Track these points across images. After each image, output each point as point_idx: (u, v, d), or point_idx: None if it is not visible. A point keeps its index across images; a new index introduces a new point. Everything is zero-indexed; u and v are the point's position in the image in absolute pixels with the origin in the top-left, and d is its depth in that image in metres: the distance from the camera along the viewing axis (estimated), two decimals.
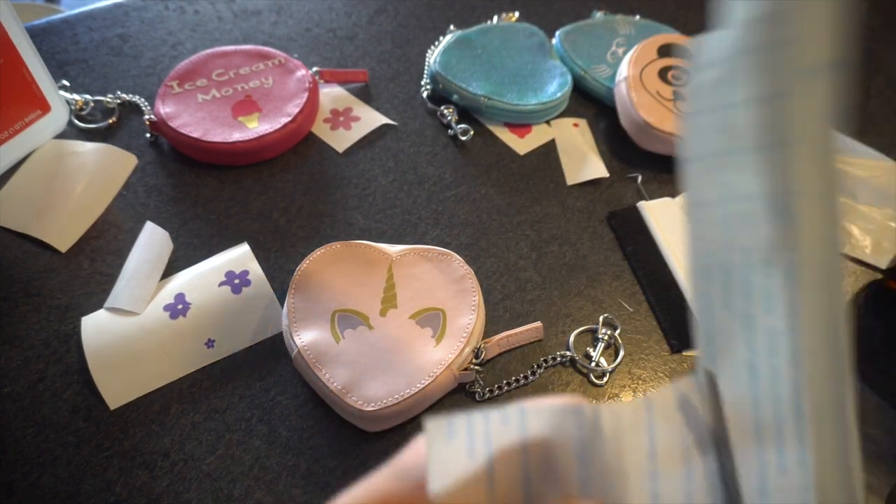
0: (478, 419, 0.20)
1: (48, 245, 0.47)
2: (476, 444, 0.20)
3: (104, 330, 0.42)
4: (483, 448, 0.20)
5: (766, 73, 0.18)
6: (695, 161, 0.21)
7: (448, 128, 0.57)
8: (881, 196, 0.58)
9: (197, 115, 0.52)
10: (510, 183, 0.54)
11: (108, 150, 0.52)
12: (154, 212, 0.50)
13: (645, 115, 0.55)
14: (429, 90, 0.59)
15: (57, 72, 0.57)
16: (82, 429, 0.39)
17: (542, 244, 0.51)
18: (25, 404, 0.40)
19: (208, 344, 0.42)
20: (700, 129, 0.20)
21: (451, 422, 0.20)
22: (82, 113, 0.55)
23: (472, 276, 0.44)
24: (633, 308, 0.48)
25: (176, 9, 0.64)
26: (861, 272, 0.53)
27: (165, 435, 0.39)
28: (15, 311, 0.44)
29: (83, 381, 0.41)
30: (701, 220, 0.21)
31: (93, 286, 0.45)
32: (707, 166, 0.20)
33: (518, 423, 0.20)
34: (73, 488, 0.37)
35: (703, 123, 0.20)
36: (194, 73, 0.55)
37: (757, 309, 0.19)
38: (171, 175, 0.52)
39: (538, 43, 0.62)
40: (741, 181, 0.19)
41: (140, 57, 0.60)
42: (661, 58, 0.60)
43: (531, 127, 0.58)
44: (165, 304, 0.43)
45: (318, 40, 0.63)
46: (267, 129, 0.52)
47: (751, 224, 0.19)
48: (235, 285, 0.44)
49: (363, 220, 0.51)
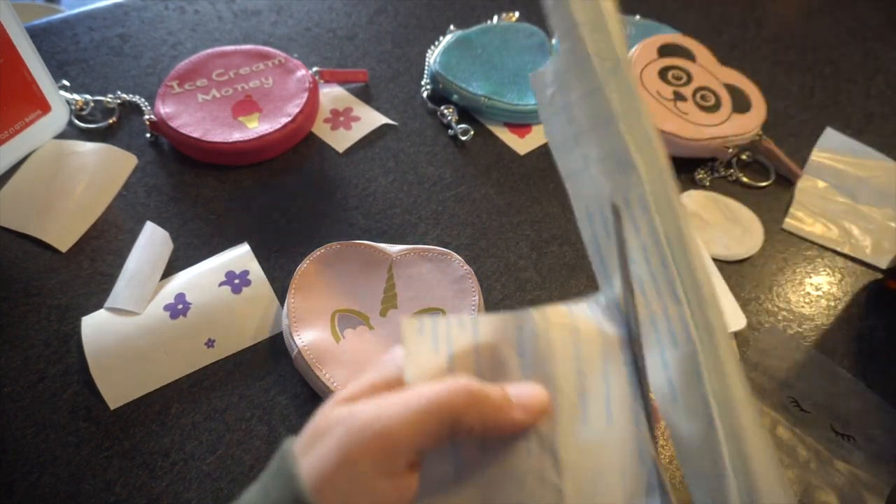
0: (441, 323, 0.26)
1: (48, 245, 0.47)
2: (439, 344, 0.25)
3: (104, 330, 0.42)
4: (444, 347, 0.25)
5: (583, 78, 0.27)
6: (559, 147, 0.29)
7: (448, 128, 0.57)
8: (881, 196, 0.58)
9: (197, 115, 0.52)
10: (510, 183, 0.54)
11: (108, 150, 0.52)
12: (154, 212, 0.50)
13: None
14: (429, 90, 0.59)
15: (57, 72, 0.57)
16: (82, 429, 0.39)
17: (542, 244, 0.51)
18: (25, 404, 0.40)
19: (208, 344, 0.42)
20: (556, 125, 0.29)
21: (422, 321, 0.26)
22: (82, 113, 0.55)
23: (472, 276, 0.44)
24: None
25: (176, 9, 0.64)
26: (861, 272, 0.53)
27: (165, 435, 0.39)
28: (15, 311, 0.44)
29: (83, 381, 0.41)
30: (575, 184, 0.29)
31: (93, 286, 0.45)
32: (568, 147, 0.29)
33: (472, 328, 0.26)
34: (73, 488, 0.37)
35: (557, 121, 0.29)
36: (194, 73, 0.55)
37: (629, 233, 0.27)
38: (171, 175, 0.52)
39: (538, 43, 0.62)
40: (591, 151, 0.28)
41: (140, 57, 0.60)
42: (661, 58, 0.60)
43: (531, 127, 0.58)
44: (166, 304, 0.43)
45: (318, 40, 0.63)
46: (267, 129, 0.52)
47: (605, 178, 0.27)
48: (235, 285, 0.44)
49: (363, 220, 0.51)
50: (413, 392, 0.23)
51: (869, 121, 0.64)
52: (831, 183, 0.58)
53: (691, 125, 0.55)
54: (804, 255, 0.53)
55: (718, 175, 0.57)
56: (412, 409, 0.23)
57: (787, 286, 0.51)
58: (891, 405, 0.45)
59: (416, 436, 0.22)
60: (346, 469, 0.22)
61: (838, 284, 0.52)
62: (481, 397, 0.23)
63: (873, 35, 0.74)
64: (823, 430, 0.43)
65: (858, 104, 0.66)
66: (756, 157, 0.59)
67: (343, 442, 0.23)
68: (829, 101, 0.66)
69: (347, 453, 0.22)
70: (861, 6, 0.77)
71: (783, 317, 0.49)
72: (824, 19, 0.75)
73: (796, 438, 0.43)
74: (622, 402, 0.26)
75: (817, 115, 0.64)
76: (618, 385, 0.26)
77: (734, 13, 0.74)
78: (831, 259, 0.53)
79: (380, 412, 0.23)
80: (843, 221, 0.55)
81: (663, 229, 0.27)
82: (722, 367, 0.28)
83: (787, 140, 0.61)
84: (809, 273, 0.52)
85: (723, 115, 0.56)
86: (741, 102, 0.58)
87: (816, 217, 0.55)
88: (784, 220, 0.55)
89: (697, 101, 0.57)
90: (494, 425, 0.24)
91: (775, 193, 0.57)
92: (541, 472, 0.25)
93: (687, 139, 0.54)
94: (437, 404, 0.23)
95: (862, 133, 0.63)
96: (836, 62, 0.70)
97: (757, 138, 0.57)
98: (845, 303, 0.51)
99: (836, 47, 0.72)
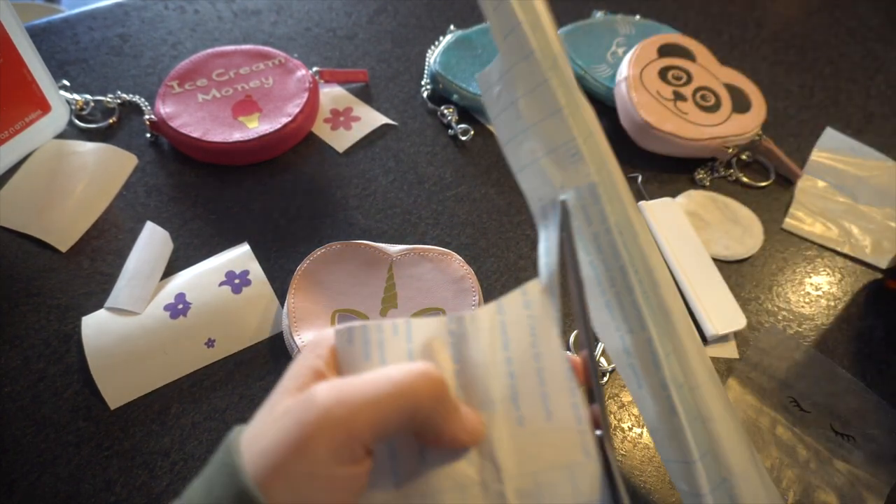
0: (372, 329, 0.26)
1: (48, 245, 0.47)
2: (371, 351, 0.25)
3: (104, 330, 0.42)
4: (377, 353, 0.25)
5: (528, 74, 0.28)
6: (508, 142, 0.30)
7: (448, 128, 0.58)
8: (881, 196, 0.58)
9: (197, 114, 0.52)
10: (510, 183, 0.54)
11: (108, 150, 0.52)
12: (154, 212, 0.50)
13: (645, 115, 0.55)
14: (429, 90, 0.59)
15: (57, 72, 0.57)
16: (82, 429, 0.39)
17: None
18: (25, 404, 0.40)
19: (208, 344, 0.42)
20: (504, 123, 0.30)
21: (351, 330, 0.26)
22: (82, 113, 0.55)
23: (472, 276, 0.44)
24: None
25: (176, 8, 0.64)
26: (861, 272, 0.53)
27: (165, 435, 0.39)
28: (15, 311, 0.44)
29: (83, 381, 0.41)
30: (526, 178, 0.30)
31: (93, 286, 0.45)
32: (517, 143, 0.30)
33: (406, 333, 0.26)
34: (73, 488, 0.37)
35: (504, 119, 0.30)
36: (194, 72, 0.55)
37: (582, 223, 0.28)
38: (171, 175, 0.52)
39: None
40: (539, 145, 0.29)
41: (140, 57, 0.60)
42: (662, 58, 0.60)
43: None
44: (166, 303, 0.43)
45: (318, 40, 0.63)
46: (267, 129, 0.52)
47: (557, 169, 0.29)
48: (236, 285, 0.44)
49: (363, 220, 0.51)
50: (374, 377, 0.23)
51: (869, 121, 0.64)
52: (831, 183, 0.58)
53: (691, 125, 0.55)
54: (804, 255, 0.53)
55: (718, 175, 0.57)
56: (373, 395, 0.22)
57: (787, 286, 0.51)
58: (891, 405, 0.45)
59: (376, 423, 0.22)
60: (304, 456, 0.21)
61: (838, 284, 0.52)
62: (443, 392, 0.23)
63: (873, 35, 0.74)
64: (823, 430, 0.43)
65: (858, 104, 0.66)
66: (756, 157, 0.59)
67: (301, 427, 0.21)
68: (829, 101, 0.66)
69: (306, 439, 0.21)
70: (861, 6, 0.77)
71: (783, 317, 0.49)
72: (824, 19, 0.75)
73: (796, 438, 0.43)
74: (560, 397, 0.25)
75: (817, 115, 0.64)
76: (554, 380, 0.25)
77: (734, 13, 0.74)
78: (831, 259, 0.53)
79: (341, 397, 0.22)
80: (842, 221, 0.55)
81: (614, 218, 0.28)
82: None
83: (787, 140, 0.61)
84: (809, 273, 0.52)
85: (723, 115, 0.56)
86: (741, 102, 0.58)
87: (816, 217, 0.55)
88: (784, 219, 0.55)
89: (697, 101, 0.57)
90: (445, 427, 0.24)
91: (775, 193, 0.57)
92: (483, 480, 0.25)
93: (687, 139, 0.54)
94: (398, 391, 0.22)
95: (862, 133, 0.63)
96: (836, 62, 0.70)
97: (757, 138, 0.57)
98: (845, 303, 0.51)
99: (836, 47, 0.72)
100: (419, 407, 0.23)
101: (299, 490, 0.21)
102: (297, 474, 0.21)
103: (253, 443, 0.22)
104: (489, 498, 0.24)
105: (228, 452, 0.22)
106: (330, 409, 0.21)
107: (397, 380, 0.22)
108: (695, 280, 0.48)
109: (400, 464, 0.25)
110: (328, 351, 0.25)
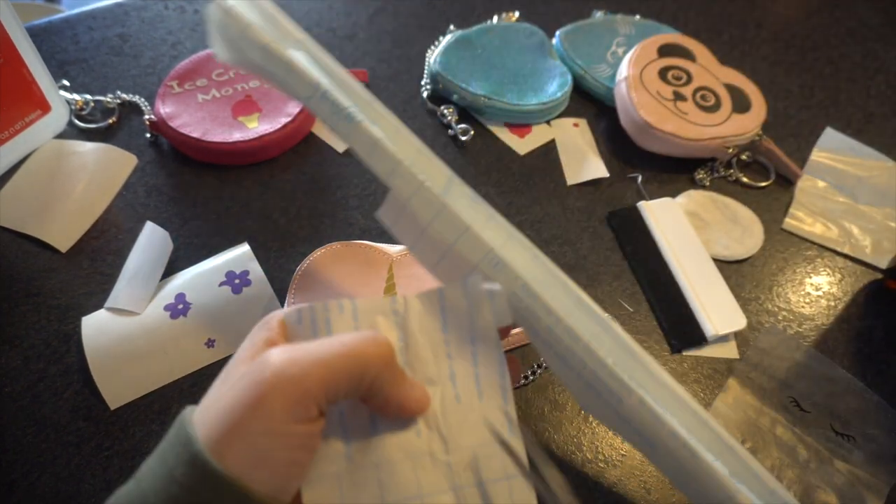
0: (319, 309, 0.27)
1: (48, 245, 0.47)
2: (318, 329, 0.27)
3: (104, 330, 0.42)
4: (324, 329, 0.27)
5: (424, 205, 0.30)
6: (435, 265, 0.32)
7: (448, 128, 0.57)
8: (881, 196, 0.58)
9: (197, 114, 0.52)
10: (510, 183, 0.54)
11: (108, 150, 0.52)
12: (154, 212, 0.50)
13: (645, 115, 0.55)
14: (429, 90, 0.59)
15: (57, 72, 0.57)
16: (82, 429, 0.39)
17: (542, 244, 0.51)
18: (25, 404, 0.40)
19: (208, 344, 0.42)
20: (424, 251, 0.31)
21: (300, 310, 0.27)
22: (82, 113, 0.55)
23: None
24: (633, 308, 0.48)
25: (176, 8, 0.64)
26: (861, 272, 0.53)
27: (164, 434, 0.39)
28: (15, 311, 0.44)
29: (83, 381, 0.41)
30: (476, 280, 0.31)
31: (93, 286, 0.45)
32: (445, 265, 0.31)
33: (352, 312, 0.28)
34: (73, 488, 0.37)
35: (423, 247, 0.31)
36: (194, 72, 0.55)
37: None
38: (171, 175, 0.52)
39: (538, 42, 0.62)
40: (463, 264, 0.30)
41: (140, 57, 0.60)
42: (662, 58, 0.60)
43: (531, 127, 0.58)
44: (166, 304, 0.43)
45: (318, 40, 0.63)
46: (267, 128, 0.52)
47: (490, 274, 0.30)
48: (236, 285, 0.44)
49: (363, 220, 0.51)
50: (326, 341, 0.24)
51: (869, 121, 0.64)
52: (831, 183, 0.58)
53: (691, 125, 0.55)
54: (804, 255, 0.53)
55: (718, 175, 0.57)
56: (324, 356, 0.23)
57: (787, 286, 0.51)
58: (891, 405, 0.45)
59: (328, 381, 0.23)
60: (260, 414, 0.22)
61: (838, 284, 0.52)
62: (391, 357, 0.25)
63: (873, 35, 0.74)
64: (823, 430, 0.43)
65: (858, 104, 0.66)
66: (756, 157, 0.59)
67: (256, 388, 0.22)
68: (829, 101, 0.66)
69: (261, 398, 0.22)
70: (861, 6, 0.77)
71: (783, 317, 0.49)
72: (824, 19, 0.75)
73: (796, 438, 0.43)
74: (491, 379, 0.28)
75: (817, 115, 0.64)
76: (487, 365, 0.28)
77: (734, 13, 0.74)
78: (831, 259, 0.53)
79: (294, 358, 0.23)
80: (842, 221, 0.55)
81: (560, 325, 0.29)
82: None
83: (787, 140, 0.61)
84: (809, 273, 0.52)
85: (723, 115, 0.56)
86: (741, 102, 0.58)
87: (816, 217, 0.55)
88: (784, 220, 0.55)
89: (697, 101, 0.57)
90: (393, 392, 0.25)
91: (775, 193, 0.57)
92: (431, 451, 0.27)
93: (687, 139, 0.54)
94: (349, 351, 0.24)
95: (862, 133, 0.63)
96: (836, 62, 0.70)
97: (757, 138, 0.57)
98: (845, 303, 0.51)
99: (836, 47, 0.72)
100: (368, 368, 0.24)
101: (257, 446, 0.22)
102: (255, 433, 0.22)
103: (207, 412, 0.23)
104: (438, 468, 0.26)
105: (181, 424, 0.23)
106: (284, 369, 0.23)
107: (347, 342, 0.24)
108: (695, 280, 0.48)
109: (351, 434, 0.26)
110: (278, 323, 0.27)
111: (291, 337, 0.27)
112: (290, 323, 0.27)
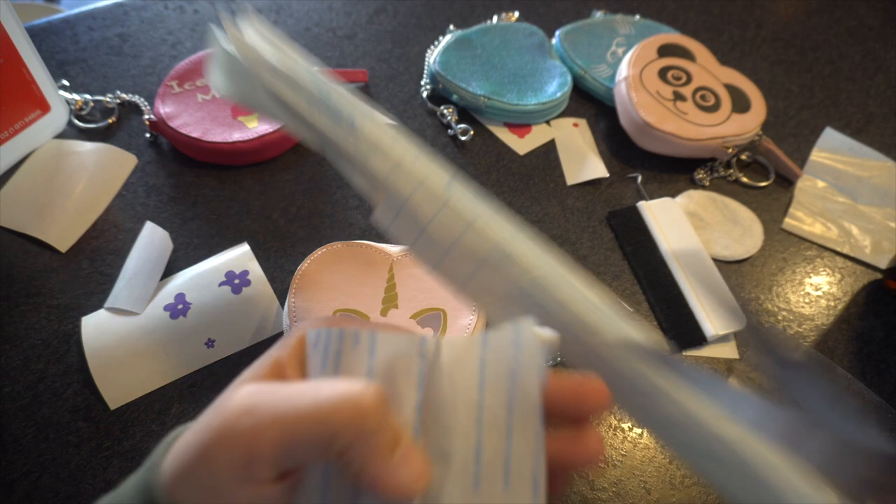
0: (333, 336, 0.22)
1: (48, 245, 0.47)
2: (328, 361, 0.22)
3: (104, 330, 0.42)
4: (332, 366, 0.22)
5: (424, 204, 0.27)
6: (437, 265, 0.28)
7: (448, 128, 0.57)
8: (881, 196, 0.58)
9: (197, 114, 0.52)
10: (510, 183, 0.54)
11: (108, 150, 0.52)
12: (154, 212, 0.50)
13: (645, 115, 0.55)
14: (429, 90, 0.59)
15: (57, 72, 0.57)
16: (82, 429, 0.39)
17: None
18: (25, 404, 0.40)
19: (208, 344, 0.42)
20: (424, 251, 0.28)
21: (320, 332, 0.23)
22: (82, 113, 0.55)
23: None
24: (633, 308, 0.48)
25: (176, 8, 0.64)
26: (860, 272, 0.53)
27: (165, 435, 0.39)
28: (15, 311, 0.44)
29: (83, 381, 0.41)
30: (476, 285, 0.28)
31: (93, 286, 0.45)
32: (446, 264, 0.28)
33: (369, 347, 0.22)
34: (73, 488, 0.37)
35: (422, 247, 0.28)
36: (194, 72, 0.55)
37: None
38: (171, 175, 0.52)
39: (538, 42, 0.62)
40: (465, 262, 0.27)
41: (140, 56, 0.60)
42: (661, 58, 0.60)
43: (531, 127, 0.58)
44: (165, 304, 0.43)
45: (317, 40, 0.63)
46: (267, 128, 0.52)
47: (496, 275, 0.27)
48: (235, 285, 0.44)
49: (363, 220, 0.51)
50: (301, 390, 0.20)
51: (869, 121, 0.64)
52: (831, 183, 0.58)
53: (691, 125, 0.55)
54: (804, 255, 0.53)
55: (718, 175, 0.57)
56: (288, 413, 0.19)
57: (787, 286, 0.51)
58: (891, 405, 0.45)
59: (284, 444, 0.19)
60: (204, 465, 0.20)
61: (838, 284, 0.52)
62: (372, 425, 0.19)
63: (873, 35, 0.74)
64: None
65: (858, 104, 0.66)
66: (756, 157, 0.59)
67: (208, 433, 0.20)
68: (829, 101, 0.66)
69: (207, 448, 0.19)
70: (861, 6, 0.77)
71: (783, 317, 0.49)
72: (824, 19, 0.75)
73: None
74: (524, 463, 0.21)
75: (817, 115, 0.64)
76: (523, 444, 0.21)
77: (734, 13, 0.74)
78: (831, 259, 0.53)
79: (254, 406, 0.19)
80: (842, 221, 0.55)
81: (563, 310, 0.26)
82: None
83: (786, 140, 0.61)
84: (809, 273, 0.52)
85: (723, 115, 0.56)
86: (741, 102, 0.58)
87: (816, 217, 0.55)
88: (784, 220, 0.55)
89: (697, 101, 0.57)
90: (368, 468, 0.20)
91: (775, 193, 0.57)
92: None
93: (687, 139, 0.54)
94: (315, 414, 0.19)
95: (862, 133, 0.63)
96: (836, 62, 0.70)
97: (757, 138, 0.57)
98: (845, 303, 0.51)
99: (836, 47, 0.72)
100: (336, 437, 0.19)
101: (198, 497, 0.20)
102: (198, 485, 0.20)
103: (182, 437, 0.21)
104: None
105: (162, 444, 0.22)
106: (237, 419, 0.19)
107: (321, 399, 0.19)
108: (695, 280, 0.48)
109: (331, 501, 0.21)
110: (296, 342, 0.23)
111: (307, 360, 0.23)
112: (309, 344, 0.23)
